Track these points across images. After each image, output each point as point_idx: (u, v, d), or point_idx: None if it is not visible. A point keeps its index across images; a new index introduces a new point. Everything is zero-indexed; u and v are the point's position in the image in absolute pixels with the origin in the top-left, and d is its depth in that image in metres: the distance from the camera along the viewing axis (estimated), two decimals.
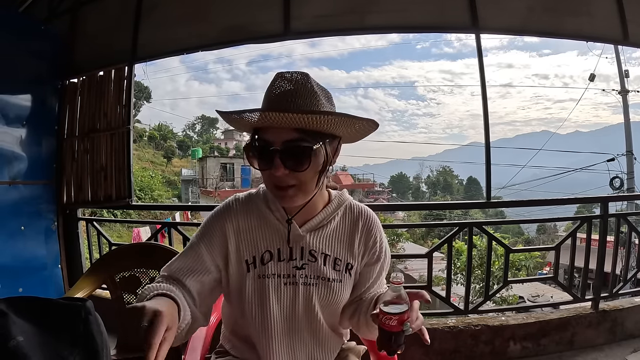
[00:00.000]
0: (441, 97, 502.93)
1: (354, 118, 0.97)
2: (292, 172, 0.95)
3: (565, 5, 2.86)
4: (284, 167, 0.94)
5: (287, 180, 0.96)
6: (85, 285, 1.85)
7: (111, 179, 3.06)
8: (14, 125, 2.84)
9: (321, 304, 1.08)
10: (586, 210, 24.03)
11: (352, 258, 1.11)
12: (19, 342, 0.57)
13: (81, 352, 0.62)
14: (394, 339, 0.89)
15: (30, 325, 0.61)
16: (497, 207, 4.04)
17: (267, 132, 0.96)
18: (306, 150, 0.95)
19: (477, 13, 2.77)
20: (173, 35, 3.10)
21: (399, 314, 0.87)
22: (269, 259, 1.07)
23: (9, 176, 2.80)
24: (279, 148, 0.94)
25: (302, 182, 0.98)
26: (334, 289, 1.08)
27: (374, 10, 2.85)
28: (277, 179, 0.96)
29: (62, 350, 0.61)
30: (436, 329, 2.50)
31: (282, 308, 1.06)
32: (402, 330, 0.87)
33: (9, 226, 2.78)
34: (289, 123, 0.92)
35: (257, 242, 1.08)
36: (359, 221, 1.13)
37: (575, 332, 2.63)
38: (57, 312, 0.63)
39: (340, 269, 1.10)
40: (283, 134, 0.94)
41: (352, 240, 1.12)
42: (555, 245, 2.89)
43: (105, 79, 3.10)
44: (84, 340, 0.64)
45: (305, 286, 1.07)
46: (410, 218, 27.21)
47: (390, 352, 0.90)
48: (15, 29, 2.84)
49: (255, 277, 1.06)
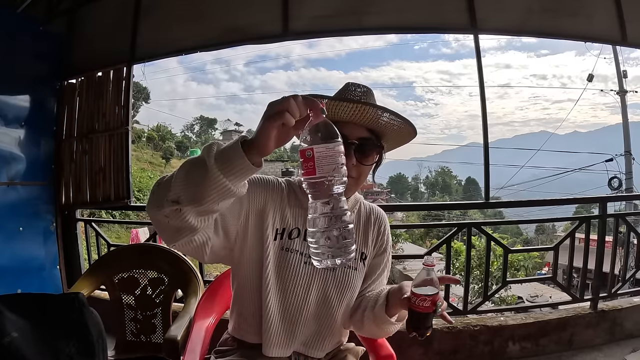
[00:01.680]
0: (439, 98, 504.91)
1: (413, 129, 1.12)
2: (359, 164, 1.08)
3: (564, 5, 2.86)
4: (355, 159, 1.06)
5: (351, 172, 1.06)
6: (84, 286, 1.85)
7: (110, 180, 3.05)
8: (12, 126, 2.83)
9: (336, 290, 1.12)
10: (585, 210, 24.09)
11: (366, 248, 1.20)
12: (13, 338, 0.58)
13: (76, 343, 0.63)
14: (427, 320, 0.94)
15: (25, 321, 0.61)
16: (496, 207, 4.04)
17: (345, 127, 1.03)
18: (375, 147, 1.10)
19: (475, 14, 2.78)
20: (172, 35, 3.09)
21: (432, 295, 0.92)
22: (296, 235, 1.12)
23: (8, 177, 2.79)
24: (357, 142, 1.06)
25: (360, 175, 1.10)
26: (348, 276, 1.14)
27: (373, 11, 2.85)
28: None
29: (57, 343, 0.61)
30: (435, 329, 2.47)
31: (297, 285, 1.10)
32: (434, 311, 0.93)
33: (7, 227, 2.78)
34: (367, 118, 1.04)
35: (288, 217, 1.12)
36: (371, 216, 1.24)
37: (574, 332, 2.63)
38: (51, 306, 0.64)
39: (356, 258, 1.17)
40: (358, 131, 1.07)
41: (367, 233, 1.21)
42: (554, 246, 2.89)
43: (104, 80, 3.09)
44: (78, 331, 0.64)
45: (323, 270, 1.11)
46: (409, 219, 27.22)
47: (422, 333, 0.95)
48: (13, 30, 2.83)
49: (279, 247, 1.10)
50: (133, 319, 1.91)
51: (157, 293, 1.91)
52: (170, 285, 1.90)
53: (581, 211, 24.94)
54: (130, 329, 1.91)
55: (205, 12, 3.01)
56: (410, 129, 1.11)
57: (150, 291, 1.92)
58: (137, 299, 1.92)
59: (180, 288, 1.91)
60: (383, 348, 1.29)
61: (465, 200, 50.41)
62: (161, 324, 1.88)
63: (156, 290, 1.92)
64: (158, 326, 1.89)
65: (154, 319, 1.90)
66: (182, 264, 1.87)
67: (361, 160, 1.08)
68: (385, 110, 1.04)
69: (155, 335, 1.89)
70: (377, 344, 1.31)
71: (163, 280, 1.91)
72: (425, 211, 29.67)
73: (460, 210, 24.64)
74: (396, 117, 1.06)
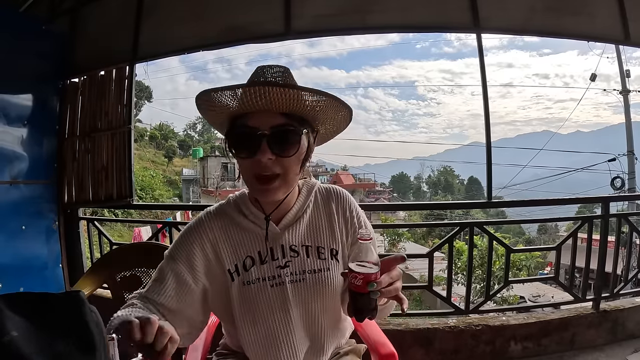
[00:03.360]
0: (441, 97, 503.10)
1: (341, 103, 0.98)
2: (279, 157, 0.94)
3: (566, 4, 2.85)
4: (270, 152, 0.92)
5: (272, 168, 0.94)
6: (86, 285, 1.86)
7: (112, 179, 3.06)
8: (15, 125, 2.83)
9: (314, 298, 1.05)
10: (587, 210, 24.00)
11: (335, 243, 1.09)
12: (13, 337, 0.57)
13: (76, 342, 0.62)
14: (361, 301, 0.83)
15: (25, 320, 0.61)
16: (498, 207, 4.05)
17: (252, 117, 0.94)
18: (294, 135, 0.95)
19: (478, 13, 2.77)
20: (174, 34, 3.10)
21: (365, 273, 0.81)
22: (251, 264, 1.04)
23: (10, 176, 2.80)
24: (267, 132, 0.92)
25: (286, 170, 0.96)
26: (323, 280, 1.05)
27: (376, 10, 2.85)
28: (261, 167, 0.94)
29: (57, 343, 0.61)
30: (437, 328, 2.48)
31: (273, 311, 1.03)
32: (369, 292, 0.81)
33: (9, 226, 2.78)
34: (280, 103, 0.91)
35: (236, 249, 1.05)
36: (331, 202, 1.12)
37: (576, 332, 2.62)
38: (51, 305, 0.63)
39: (325, 257, 1.07)
40: (270, 118, 0.93)
41: (332, 224, 1.10)
42: (556, 246, 2.88)
43: (106, 79, 3.10)
44: (79, 330, 0.63)
45: (293, 284, 1.04)
46: (412, 218, 27.18)
47: (358, 316, 0.85)
48: (16, 29, 2.83)
49: (240, 284, 1.03)
50: None
51: None
52: None
53: (584, 211, 24.84)
54: None
55: (207, 11, 3.01)
56: (336, 103, 0.97)
57: None
58: None
59: None
60: (385, 347, 1.27)
61: (467, 199, 50.33)
62: None
63: None
64: None
65: None
66: None
67: (280, 152, 0.93)
68: (297, 89, 0.91)
69: None
70: (379, 342, 1.30)
71: None
72: (427, 210, 29.60)
73: (462, 210, 24.57)
74: (314, 93, 0.92)
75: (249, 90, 0.89)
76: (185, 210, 16.79)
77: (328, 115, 1.01)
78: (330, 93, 0.94)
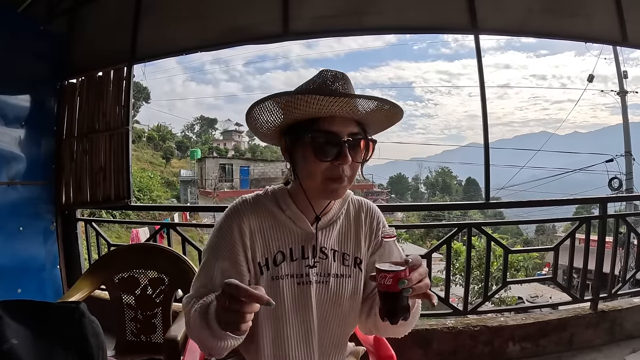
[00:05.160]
0: (439, 98, 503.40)
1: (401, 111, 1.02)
2: (353, 162, 0.98)
3: (564, 6, 2.86)
4: (351, 158, 0.97)
5: (346, 171, 0.99)
6: (84, 286, 1.85)
7: (110, 180, 3.06)
8: (12, 126, 2.83)
9: (333, 302, 1.07)
10: (585, 211, 24.06)
11: (359, 252, 1.12)
12: (12, 345, 0.57)
13: (75, 355, 0.62)
14: (394, 301, 0.82)
15: (25, 329, 0.61)
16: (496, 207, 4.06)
17: (332, 123, 0.97)
18: (368, 143, 1.01)
19: (476, 14, 2.77)
20: (172, 35, 3.10)
21: (395, 270, 0.80)
22: (281, 259, 1.05)
23: (8, 177, 2.79)
24: (349, 139, 0.97)
25: (353, 173, 1.02)
26: (343, 285, 1.08)
27: (373, 11, 2.85)
28: (339, 171, 0.97)
29: (56, 354, 0.61)
30: (435, 329, 2.49)
31: (297, 309, 1.05)
32: (401, 291, 0.80)
33: (7, 227, 2.77)
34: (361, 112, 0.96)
35: (269, 243, 1.06)
36: (361, 213, 1.15)
37: (574, 332, 2.63)
38: (51, 315, 0.63)
39: (348, 264, 1.10)
40: (348, 126, 0.98)
41: (358, 235, 1.13)
42: (554, 246, 2.89)
43: (104, 80, 3.09)
44: (77, 343, 0.63)
45: (318, 284, 1.06)
46: (410, 219, 27.18)
47: (391, 318, 0.83)
48: (14, 29, 2.83)
49: (269, 279, 1.04)
50: (133, 318, 1.91)
51: (157, 293, 1.91)
52: (170, 285, 1.90)
53: (581, 211, 24.89)
54: (130, 329, 1.91)
55: (206, 12, 3.01)
56: (398, 110, 1.01)
57: (150, 291, 1.92)
58: (137, 299, 1.92)
59: (180, 288, 1.92)
60: (384, 348, 1.28)
61: (465, 200, 50.38)
62: (161, 324, 1.89)
63: (156, 290, 1.92)
64: (158, 326, 1.89)
65: (154, 318, 1.90)
66: (182, 264, 1.87)
67: (355, 158, 0.98)
68: (373, 99, 0.96)
69: (156, 335, 1.89)
70: (378, 344, 1.30)
71: (163, 280, 1.91)
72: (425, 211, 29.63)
73: (460, 211, 24.60)
74: (384, 103, 0.97)
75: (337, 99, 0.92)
76: (183, 212, 16.87)
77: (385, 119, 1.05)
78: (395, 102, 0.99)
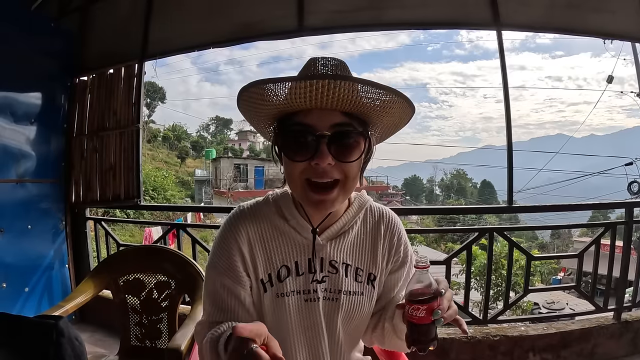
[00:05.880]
0: (453, 100, 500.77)
1: (407, 103, 0.83)
2: (339, 162, 0.82)
3: (587, 1, 2.76)
4: (331, 156, 0.80)
5: (331, 173, 0.82)
6: (88, 288, 1.80)
7: (120, 179, 3.03)
8: (22, 123, 2.82)
9: (342, 320, 0.95)
10: (601, 215, 23.61)
11: (375, 268, 0.98)
12: None
13: None
14: (425, 332, 0.78)
15: None
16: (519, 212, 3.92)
17: (309, 115, 0.81)
18: (357, 137, 0.83)
19: (498, 9, 2.68)
20: (184, 32, 3.06)
21: (427, 302, 0.76)
22: (286, 274, 0.93)
23: (17, 174, 2.78)
24: (328, 133, 0.80)
25: (346, 175, 0.83)
26: (355, 303, 0.95)
27: (393, 6, 2.79)
28: (318, 173, 0.82)
29: None
30: (453, 339, 2.40)
31: (304, 328, 0.94)
32: (433, 322, 0.77)
33: (16, 225, 2.76)
34: (348, 100, 0.78)
35: (271, 257, 0.93)
36: (380, 225, 1.00)
37: (596, 343, 2.53)
38: (28, 333, 0.56)
39: (361, 280, 0.97)
40: (330, 116, 0.80)
41: (375, 248, 0.99)
42: (578, 253, 2.77)
43: (115, 77, 3.07)
44: None
45: (326, 301, 0.94)
46: (424, 222, 26.93)
47: (421, 348, 0.79)
48: (26, 27, 2.83)
49: (273, 296, 0.92)
50: (138, 323, 1.85)
51: (163, 297, 1.84)
52: (177, 289, 1.83)
53: (598, 216, 24.43)
54: (135, 334, 1.85)
55: (219, 7, 2.96)
56: (403, 102, 0.82)
57: (156, 295, 1.85)
58: (142, 303, 1.85)
59: (187, 292, 1.84)
60: (398, 358, 1.19)
61: (480, 203, 49.83)
62: (167, 330, 1.81)
63: (162, 294, 1.84)
64: (164, 332, 1.81)
65: (160, 324, 1.83)
66: (190, 268, 1.80)
67: (341, 157, 0.81)
68: (363, 83, 0.76)
69: (161, 341, 1.81)
70: (393, 354, 1.22)
71: (169, 284, 1.84)
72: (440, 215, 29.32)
73: (475, 214, 24.28)
74: (381, 89, 0.78)
75: (313, 83, 0.75)
76: (196, 212, 16.85)
77: (389, 112, 0.85)
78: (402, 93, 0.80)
